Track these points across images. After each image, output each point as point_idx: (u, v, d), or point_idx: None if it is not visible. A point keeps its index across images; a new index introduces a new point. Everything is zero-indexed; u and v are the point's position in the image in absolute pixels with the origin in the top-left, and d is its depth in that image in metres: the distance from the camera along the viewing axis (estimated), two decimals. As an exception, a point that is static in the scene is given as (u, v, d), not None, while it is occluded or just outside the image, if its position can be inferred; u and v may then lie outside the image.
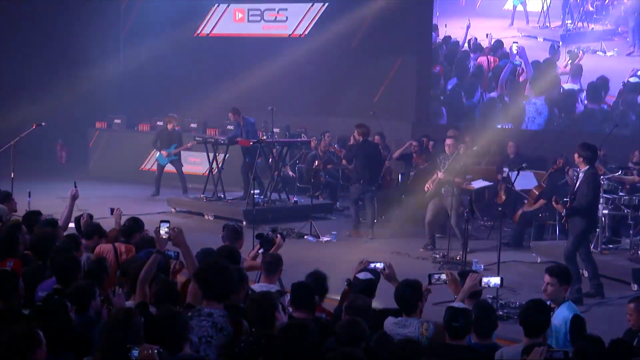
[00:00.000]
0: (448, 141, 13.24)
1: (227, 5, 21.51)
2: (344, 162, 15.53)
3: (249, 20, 21.29)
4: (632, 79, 16.57)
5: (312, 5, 20.46)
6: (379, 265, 6.84)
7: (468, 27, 18.66)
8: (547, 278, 6.77)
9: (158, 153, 17.82)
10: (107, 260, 7.28)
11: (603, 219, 11.95)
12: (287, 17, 20.83)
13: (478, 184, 14.01)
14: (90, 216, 8.89)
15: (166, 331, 5.11)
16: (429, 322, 6.01)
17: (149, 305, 6.08)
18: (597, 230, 11.67)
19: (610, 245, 12.26)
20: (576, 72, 17.29)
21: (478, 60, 18.68)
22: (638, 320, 6.69)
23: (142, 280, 6.30)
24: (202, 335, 5.45)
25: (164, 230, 6.38)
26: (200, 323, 5.45)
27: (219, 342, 5.46)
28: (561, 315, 6.55)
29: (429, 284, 6.49)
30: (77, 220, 8.89)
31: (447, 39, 19.08)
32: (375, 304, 6.60)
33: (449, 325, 5.66)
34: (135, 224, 8.17)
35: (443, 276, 6.62)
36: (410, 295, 6.16)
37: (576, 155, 10.50)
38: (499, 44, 18.36)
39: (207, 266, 5.89)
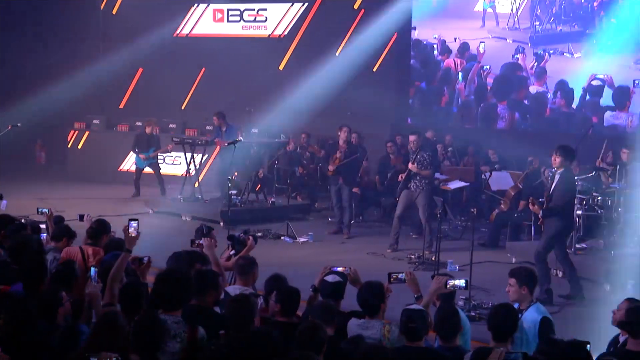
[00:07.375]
0: (411, 137, 13.21)
1: (206, 5, 21.48)
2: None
3: (228, 20, 21.28)
4: (594, 82, 16.70)
5: (292, 5, 20.46)
6: (342, 270, 6.86)
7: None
8: (509, 280, 6.81)
9: (136, 156, 17.79)
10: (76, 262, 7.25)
11: (577, 219, 12.01)
12: (266, 18, 20.82)
13: (454, 184, 14.07)
14: (61, 218, 8.84)
15: (146, 337, 5.12)
16: (392, 324, 6.02)
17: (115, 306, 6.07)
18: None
19: (584, 245, 12.33)
20: (540, 74, 17.41)
21: (445, 63, 18.77)
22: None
23: (112, 279, 6.23)
24: None
25: (132, 228, 6.40)
26: None
27: (173, 349, 5.47)
28: (530, 318, 6.54)
29: (389, 283, 6.52)
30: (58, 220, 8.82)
31: (417, 42, 19.18)
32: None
33: (405, 327, 5.69)
34: (101, 226, 8.05)
35: (402, 275, 6.64)
36: (373, 298, 6.19)
37: (554, 157, 10.51)
38: (465, 46, 18.44)
39: (163, 277, 5.84)
